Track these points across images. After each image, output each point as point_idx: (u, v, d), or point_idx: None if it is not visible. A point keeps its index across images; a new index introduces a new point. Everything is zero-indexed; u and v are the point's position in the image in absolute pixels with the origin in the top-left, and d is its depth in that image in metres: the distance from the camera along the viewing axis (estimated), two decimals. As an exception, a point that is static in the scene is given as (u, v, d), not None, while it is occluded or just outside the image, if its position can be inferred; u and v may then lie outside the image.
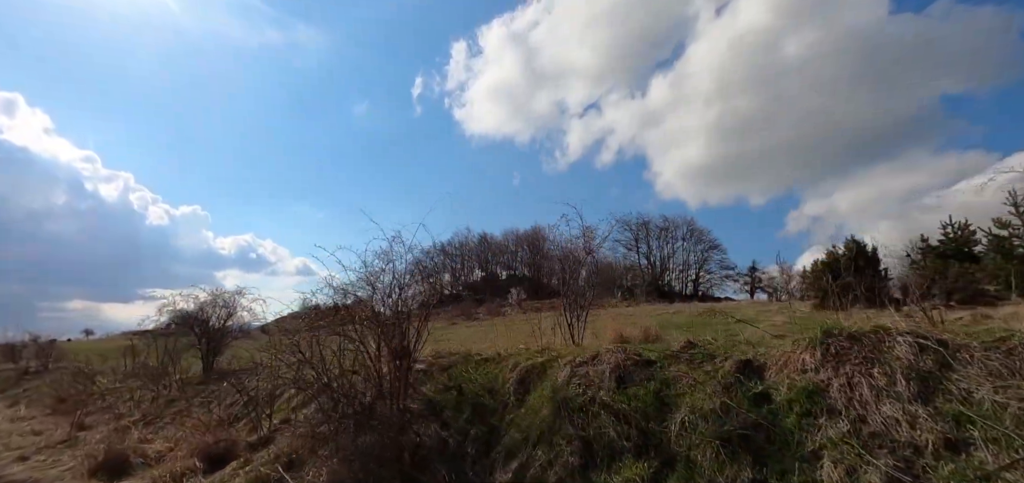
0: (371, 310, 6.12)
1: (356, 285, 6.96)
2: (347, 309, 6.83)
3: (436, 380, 6.16)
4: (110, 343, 40.85)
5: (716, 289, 57.07)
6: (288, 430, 6.73)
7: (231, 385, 8.48)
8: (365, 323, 6.05)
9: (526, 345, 7.08)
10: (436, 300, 6.99)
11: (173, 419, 9.38)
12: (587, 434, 3.96)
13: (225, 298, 13.28)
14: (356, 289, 7.00)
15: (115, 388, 14.84)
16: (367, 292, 6.74)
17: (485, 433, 4.80)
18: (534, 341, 7.61)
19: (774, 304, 23.85)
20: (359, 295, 7.03)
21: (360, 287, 7.12)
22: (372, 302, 6.55)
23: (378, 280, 6.22)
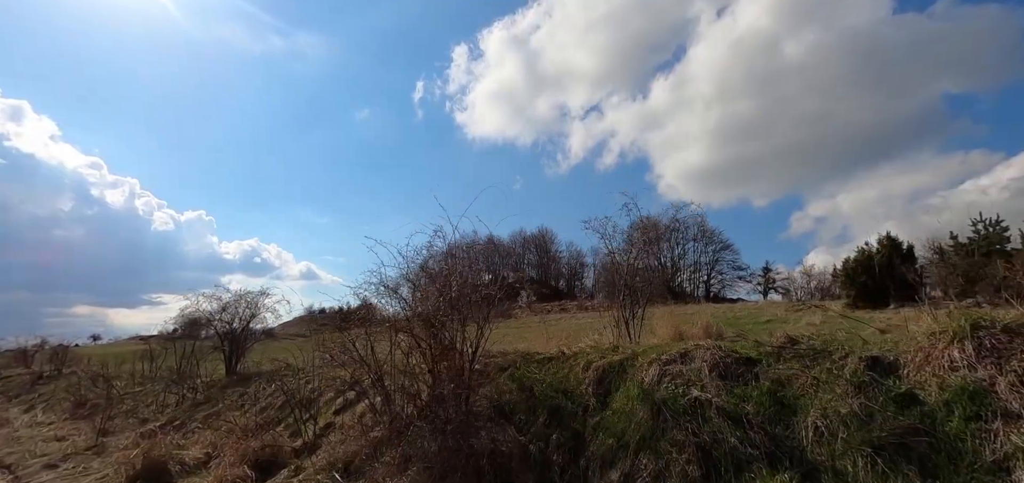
0: (429, 305, 5.72)
1: (404, 279, 6.59)
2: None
3: (495, 381, 5.75)
4: (118, 348, 40.67)
5: (728, 290, 56.49)
6: (335, 434, 6.34)
7: (278, 387, 8.10)
8: (423, 319, 5.65)
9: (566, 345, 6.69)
10: (502, 293, 6.66)
11: (204, 423, 9.00)
12: (700, 439, 3.54)
13: (248, 299, 12.92)
14: (405, 282, 6.63)
15: (134, 392, 14.51)
16: (420, 286, 6.37)
17: (568, 438, 4.38)
18: (574, 340, 7.23)
19: (794, 304, 23.32)
20: (404, 292, 6.67)
21: (406, 281, 6.75)
22: (426, 296, 6.17)
23: (436, 273, 5.82)
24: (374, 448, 5.44)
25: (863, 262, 18.40)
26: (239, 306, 12.86)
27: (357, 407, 6.92)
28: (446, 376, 5.43)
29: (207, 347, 13.31)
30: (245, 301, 12.88)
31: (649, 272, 7.85)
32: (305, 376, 9.17)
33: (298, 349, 12.36)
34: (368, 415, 6.24)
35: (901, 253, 17.87)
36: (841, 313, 15.35)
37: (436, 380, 5.68)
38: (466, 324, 5.71)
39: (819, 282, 31.77)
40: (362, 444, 5.54)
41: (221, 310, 12.74)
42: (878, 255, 18.04)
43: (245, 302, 12.88)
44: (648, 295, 7.52)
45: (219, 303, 12.77)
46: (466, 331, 5.61)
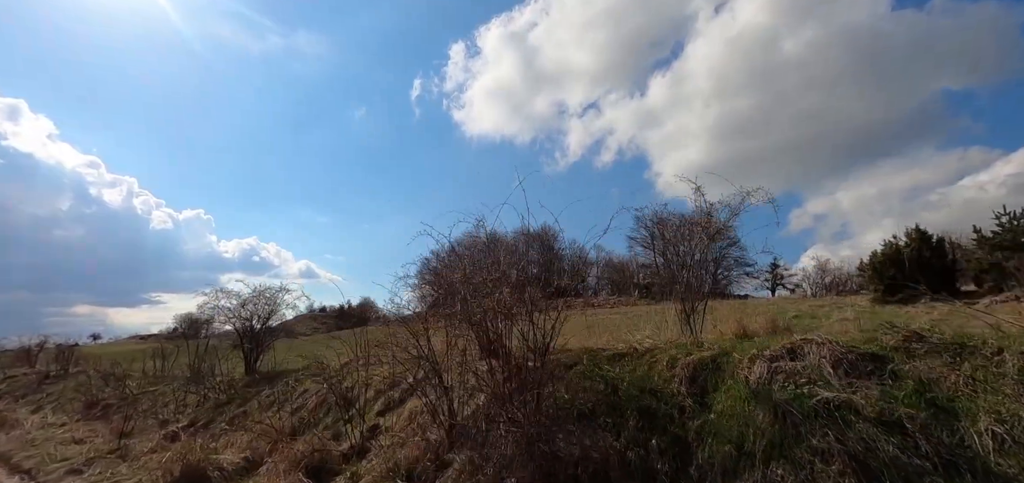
0: (498, 297, 5.29)
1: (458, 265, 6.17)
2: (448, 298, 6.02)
3: (563, 379, 5.31)
4: (118, 347, 40.21)
5: (734, 287, 56.00)
6: (384, 437, 5.90)
7: (312, 386, 7.66)
8: (491, 312, 5.22)
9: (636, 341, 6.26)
10: (581, 279, 6.19)
11: (232, 424, 8.57)
12: (848, 447, 3.10)
13: (268, 295, 12.46)
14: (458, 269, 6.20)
15: (149, 391, 14.06)
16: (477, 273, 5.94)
17: (669, 444, 3.94)
18: (617, 336, 6.85)
19: (813, 300, 22.90)
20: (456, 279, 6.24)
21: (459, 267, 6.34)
22: (483, 284, 5.73)
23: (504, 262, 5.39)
24: (436, 452, 5.01)
25: (891, 256, 17.97)
26: (258, 302, 12.40)
27: (404, 407, 6.49)
28: (515, 373, 4.99)
29: (224, 345, 12.84)
30: (264, 297, 12.42)
31: (704, 266, 7.40)
32: (338, 374, 8.73)
33: (324, 346, 11.93)
34: (423, 415, 5.80)
35: (931, 246, 17.46)
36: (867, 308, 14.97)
37: (504, 377, 5.25)
38: (532, 315, 5.28)
39: (834, 277, 31.40)
40: (422, 448, 5.11)
41: (240, 306, 12.29)
42: (907, 248, 17.61)
43: (264, 298, 12.42)
44: (711, 289, 7.08)
45: (238, 299, 12.31)
46: (535, 322, 5.17)
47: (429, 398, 5.44)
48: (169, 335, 75.50)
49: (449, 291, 6.22)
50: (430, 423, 5.50)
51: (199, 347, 16.11)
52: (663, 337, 6.51)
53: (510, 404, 5.01)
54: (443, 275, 7.22)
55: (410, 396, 6.82)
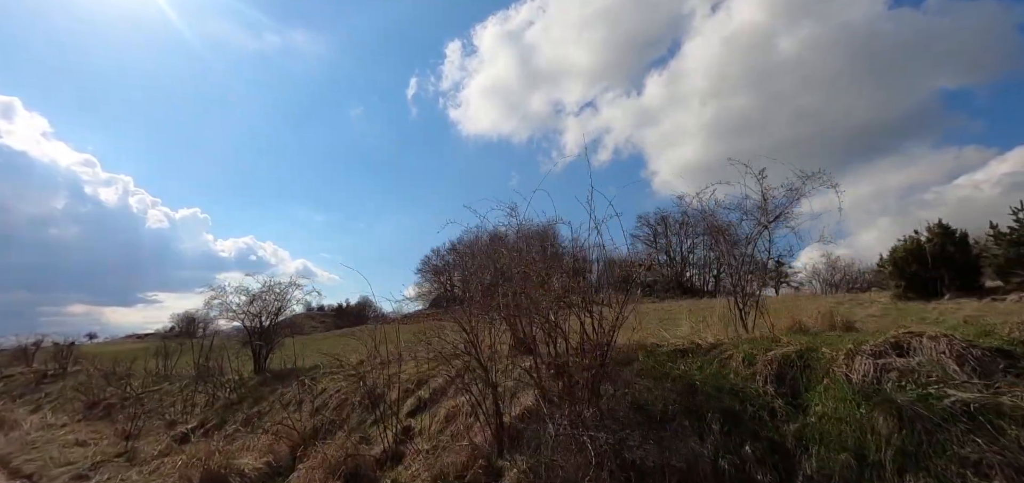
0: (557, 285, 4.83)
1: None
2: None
3: (622, 377, 4.85)
4: (115, 347, 39.58)
5: (738, 284, 55.48)
6: (421, 441, 5.43)
7: (358, 383, 7.19)
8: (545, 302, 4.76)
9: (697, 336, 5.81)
10: (648, 266, 5.81)
11: (246, 426, 8.08)
12: (1006, 458, 2.65)
13: (277, 290, 11.96)
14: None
15: (152, 391, 13.55)
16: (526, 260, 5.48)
17: (766, 450, 3.49)
18: (658, 331, 6.41)
19: (822, 298, 22.51)
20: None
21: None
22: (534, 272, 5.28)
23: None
24: (486, 458, 4.54)
25: (913, 251, 17.57)
26: (267, 298, 11.90)
27: (439, 408, 6.02)
28: (577, 370, 4.54)
29: (232, 343, 12.34)
30: (274, 292, 11.92)
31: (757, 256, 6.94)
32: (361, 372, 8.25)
33: (339, 343, 11.45)
34: (464, 417, 5.33)
35: (954, 241, 17.07)
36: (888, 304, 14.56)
37: (556, 374, 4.80)
38: (590, 305, 4.82)
39: (844, 274, 31.03)
40: (469, 453, 4.64)
41: (249, 302, 11.78)
42: (929, 243, 17.22)
43: (274, 294, 11.92)
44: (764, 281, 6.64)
45: (247, 295, 11.80)
46: (592, 313, 4.72)
47: (474, 397, 4.96)
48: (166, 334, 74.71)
49: (489, 281, 5.75)
50: (475, 425, 5.03)
51: (203, 345, 15.63)
52: (710, 333, 6.07)
53: (569, 404, 4.56)
54: (479, 264, 6.77)
55: (443, 396, 6.36)
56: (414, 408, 6.45)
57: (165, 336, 75.51)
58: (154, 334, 69.15)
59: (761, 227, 6.44)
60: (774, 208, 6.29)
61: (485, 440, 4.86)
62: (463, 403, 5.70)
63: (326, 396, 8.07)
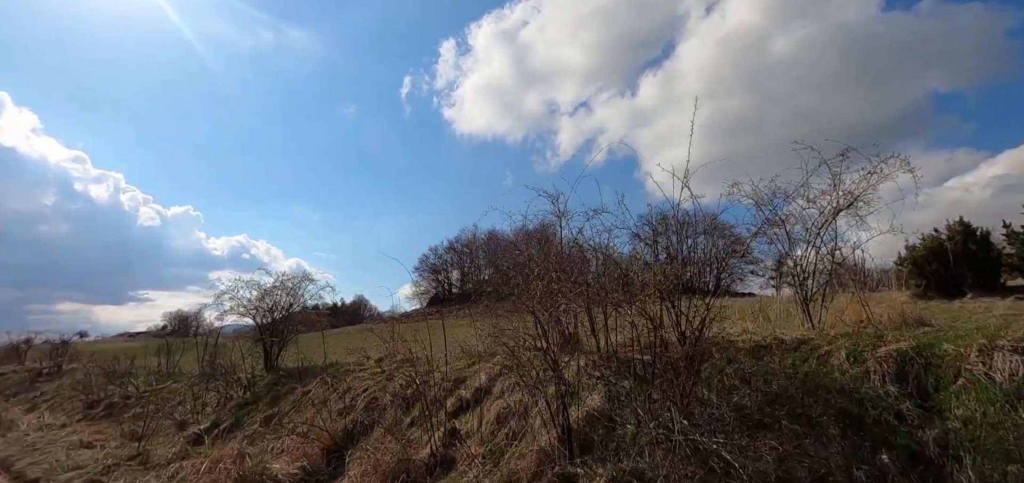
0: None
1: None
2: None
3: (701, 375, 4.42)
4: (109, 345, 38.75)
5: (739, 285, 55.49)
6: (475, 443, 4.97)
7: (388, 380, 6.72)
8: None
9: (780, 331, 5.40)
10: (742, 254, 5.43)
11: (266, 426, 7.58)
12: None
13: (289, 286, 11.45)
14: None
15: (156, 389, 13.00)
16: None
17: (906, 460, 3.06)
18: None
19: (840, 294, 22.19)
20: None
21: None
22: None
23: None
24: (557, 463, 4.09)
25: (933, 249, 17.29)
26: (278, 294, 11.39)
27: (486, 407, 5.56)
28: (670, 364, 4.10)
29: (239, 341, 11.80)
30: (286, 288, 11.41)
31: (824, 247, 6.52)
32: (384, 369, 7.79)
33: (356, 337, 10.95)
34: (518, 418, 4.88)
35: (976, 239, 16.82)
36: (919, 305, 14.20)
37: (657, 370, 4.36)
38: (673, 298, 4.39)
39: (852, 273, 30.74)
40: (536, 458, 4.19)
41: (260, 297, 11.26)
42: (950, 241, 16.97)
43: (285, 289, 11.41)
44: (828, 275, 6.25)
45: (259, 289, 11.29)
46: (675, 305, 4.29)
47: (541, 395, 4.51)
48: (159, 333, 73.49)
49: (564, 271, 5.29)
50: (535, 426, 4.58)
51: (208, 343, 15.07)
52: (776, 328, 5.66)
53: (655, 404, 4.13)
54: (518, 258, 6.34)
55: (487, 395, 5.90)
56: (456, 408, 5.99)
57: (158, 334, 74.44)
58: (146, 333, 68.07)
59: (828, 217, 6.02)
60: (845, 194, 5.87)
61: (550, 443, 4.41)
62: (514, 402, 5.26)
63: (352, 395, 7.59)
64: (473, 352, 7.12)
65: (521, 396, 5.29)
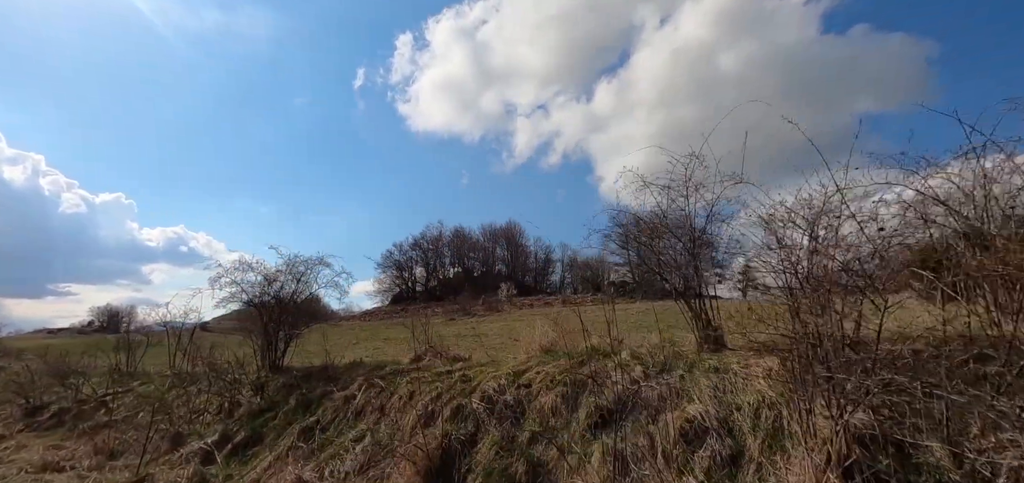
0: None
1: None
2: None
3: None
4: (27, 342, 34.42)
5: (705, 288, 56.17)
6: (655, 469, 3.69)
7: (465, 383, 5.27)
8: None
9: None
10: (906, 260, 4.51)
11: (306, 440, 5.95)
12: None
13: (297, 271, 9.67)
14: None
15: (118, 393, 10.82)
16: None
17: None
18: None
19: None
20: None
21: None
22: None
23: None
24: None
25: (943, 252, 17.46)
26: (287, 277, 9.62)
27: (658, 420, 4.28)
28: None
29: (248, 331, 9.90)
30: (294, 272, 9.64)
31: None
32: (455, 370, 6.35)
33: (383, 329, 9.39)
34: (718, 437, 3.64)
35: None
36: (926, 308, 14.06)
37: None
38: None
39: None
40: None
41: (266, 283, 9.45)
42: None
43: (294, 274, 9.64)
44: None
45: (263, 272, 9.47)
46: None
47: (799, 406, 3.30)
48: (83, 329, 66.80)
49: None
50: (800, 455, 3.36)
51: (182, 338, 12.90)
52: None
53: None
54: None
55: (636, 404, 4.62)
56: (595, 420, 4.67)
57: (83, 331, 67.46)
58: (69, 329, 61.59)
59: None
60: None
61: (807, 473, 3.21)
62: (702, 413, 4.02)
63: (407, 401, 6.12)
64: (599, 346, 5.82)
65: (708, 407, 4.07)
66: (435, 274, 74.27)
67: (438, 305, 52.89)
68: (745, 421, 3.83)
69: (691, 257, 5.64)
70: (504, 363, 6.45)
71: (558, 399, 5.04)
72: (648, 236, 6.27)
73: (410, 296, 68.81)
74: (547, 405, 5.04)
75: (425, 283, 73.06)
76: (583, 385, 5.27)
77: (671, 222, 6.01)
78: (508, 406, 5.31)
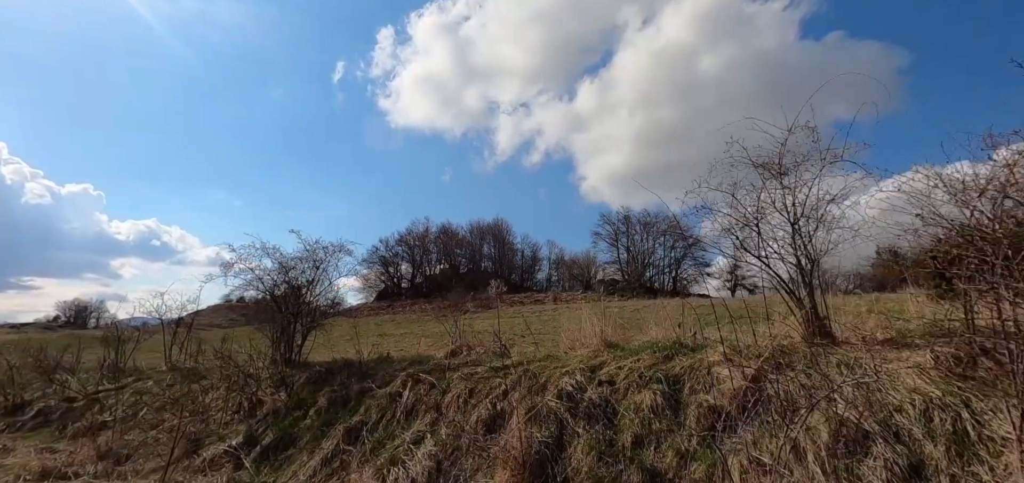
0: None
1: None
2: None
3: None
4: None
5: (693, 286, 56.71)
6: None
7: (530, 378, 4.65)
8: None
9: None
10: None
11: (353, 443, 5.25)
12: None
13: (317, 257, 8.92)
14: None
15: (105, 390, 9.90)
16: None
17: None
18: None
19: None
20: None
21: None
22: None
23: None
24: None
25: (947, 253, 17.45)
26: (303, 266, 8.87)
27: (798, 422, 3.74)
28: None
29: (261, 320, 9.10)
30: (314, 258, 8.89)
31: None
32: (520, 364, 5.73)
33: (377, 325, 8.71)
34: (891, 444, 3.12)
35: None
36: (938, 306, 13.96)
37: None
38: None
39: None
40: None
41: (282, 270, 8.68)
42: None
43: (314, 260, 8.89)
44: None
45: (281, 258, 8.69)
46: None
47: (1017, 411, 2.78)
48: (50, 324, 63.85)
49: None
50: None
51: (177, 332, 11.97)
52: None
53: None
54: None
55: (754, 405, 4.08)
56: (707, 424, 4.11)
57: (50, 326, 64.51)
58: (33, 324, 58.75)
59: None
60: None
61: None
62: (851, 415, 3.49)
63: (467, 399, 5.49)
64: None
65: (859, 407, 3.54)
66: (421, 270, 73.15)
67: (426, 302, 52.04)
68: (914, 425, 3.32)
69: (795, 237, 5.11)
70: (569, 358, 5.85)
71: (658, 398, 4.48)
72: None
73: (396, 292, 67.65)
74: (644, 404, 4.47)
75: (411, 279, 71.92)
76: (679, 382, 4.72)
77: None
78: (595, 405, 4.72)
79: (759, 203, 5.21)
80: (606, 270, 61.25)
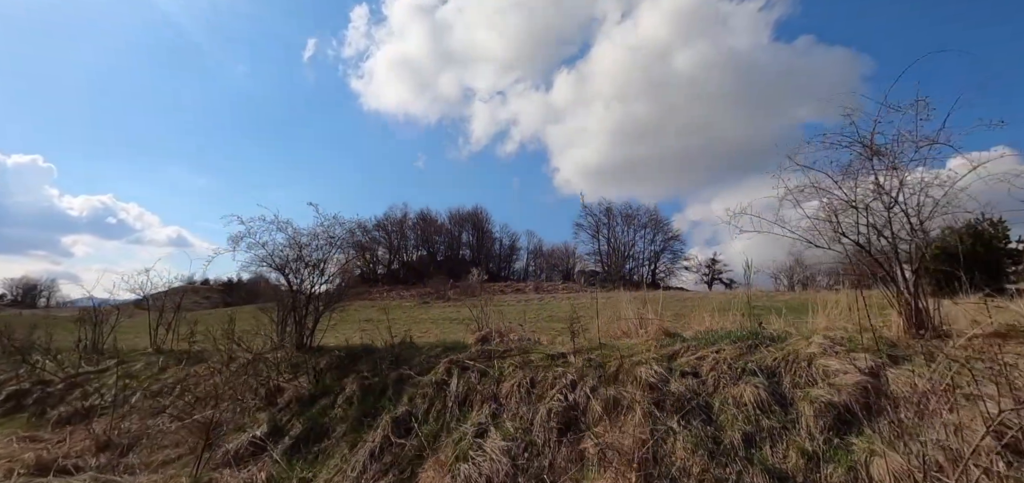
0: None
1: None
2: None
3: None
4: None
5: (672, 279, 57.38)
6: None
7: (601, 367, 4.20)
8: None
9: None
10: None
11: (404, 436, 4.71)
12: None
13: (334, 232, 8.23)
14: None
15: (88, 373, 9.03)
16: None
17: None
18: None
19: (814, 293, 22.63)
20: None
21: None
22: None
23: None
24: None
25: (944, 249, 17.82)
26: (321, 243, 8.19)
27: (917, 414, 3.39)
28: None
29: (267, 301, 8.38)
30: (330, 236, 8.22)
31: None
32: (592, 353, 5.27)
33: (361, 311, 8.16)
34: None
35: (984, 241, 17.55)
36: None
37: None
38: None
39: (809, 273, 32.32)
40: None
41: (295, 247, 7.97)
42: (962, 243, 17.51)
43: (330, 238, 8.22)
44: None
45: (291, 234, 7.97)
46: None
47: None
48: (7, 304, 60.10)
49: None
50: None
51: (164, 310, 11.05)
52: None
53: None
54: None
55: (876, 402, 3.73)
56: (827, 423, 3.74)
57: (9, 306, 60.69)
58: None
59: None
60: None
61: None
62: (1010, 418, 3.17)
63: (529, 389, 5.02)
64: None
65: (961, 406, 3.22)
66: (399, 256, 71.82)
67: (404, 288, 51.04)
68: (1085, 425, 3.01)
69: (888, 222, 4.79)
70: (634, 347, 5.43)
71: (761, 392, 4.09)
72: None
73: (373, 278, 66.25)
74: (746, 398, 4.08)
75: (388, 265, 70.54)
76: (775, 375, 4.36)
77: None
78: (684, 398, 4.31)
79: (856, 185, 4.86)
80: (585, 261, 61.34)
